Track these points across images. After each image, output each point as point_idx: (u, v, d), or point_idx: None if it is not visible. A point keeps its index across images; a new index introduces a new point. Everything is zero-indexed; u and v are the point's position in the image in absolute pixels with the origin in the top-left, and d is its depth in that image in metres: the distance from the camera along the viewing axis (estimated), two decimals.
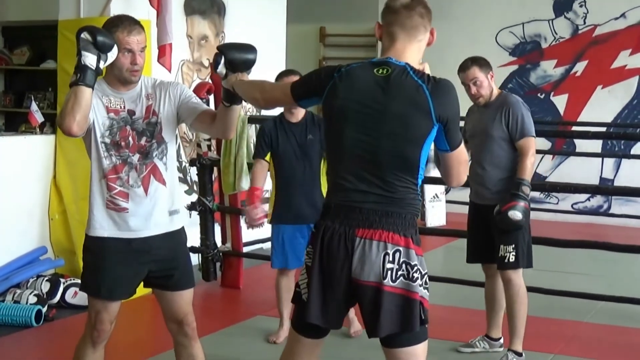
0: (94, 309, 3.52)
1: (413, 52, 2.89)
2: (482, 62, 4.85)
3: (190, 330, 3.62)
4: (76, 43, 3.26)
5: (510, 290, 4.79)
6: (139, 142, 3.47)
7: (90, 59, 3.24)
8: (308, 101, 2.97)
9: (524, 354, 4.87)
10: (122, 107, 3.46)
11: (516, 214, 4.60)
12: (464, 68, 4.86)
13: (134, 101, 3.48)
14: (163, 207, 3.52)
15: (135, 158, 3.46)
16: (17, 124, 8.14)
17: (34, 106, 6.64)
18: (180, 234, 3.62)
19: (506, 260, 4.74)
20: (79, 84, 3.25)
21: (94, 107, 3.37)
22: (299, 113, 5.20)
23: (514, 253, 4.72)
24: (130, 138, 3.45)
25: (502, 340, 5.13)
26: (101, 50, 3.26)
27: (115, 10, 6.08)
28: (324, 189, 5.20)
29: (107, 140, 3.45)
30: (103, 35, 3.27)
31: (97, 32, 3.26)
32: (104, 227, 3.47)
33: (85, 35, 3.24)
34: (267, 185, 5.25)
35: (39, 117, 6.53)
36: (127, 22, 3.42)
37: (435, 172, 10.56)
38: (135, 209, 3.46)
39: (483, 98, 4.83)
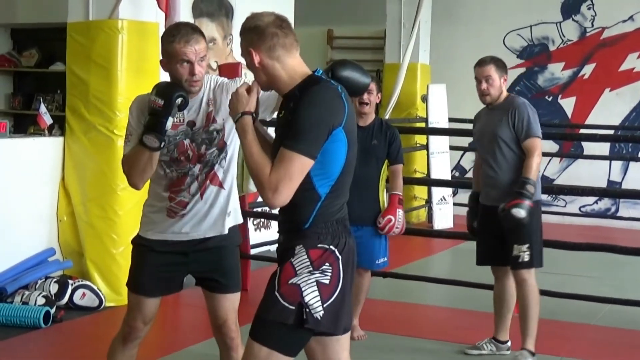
0: (129, 304, 3.54)
1: None
2: (500, 64, 4.95)
3: (229, 340, 3.57)
4: (166, 102, 3.19)
5: (524, 289, 4.83)
6: (199, 151, 3.40)
7: (170, 123, 3.23)
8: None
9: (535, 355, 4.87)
10: (182, 120, 3.36)
11: (520, 212, 4.63)
12: (481, 64, 4.94)
13: (195, 110, 3.39)
14: (218, 209, 3.47)
15: (197, 169, 3.41)
16: (25, 126, 8.15)
17: (42, 108, 6.66)
18: (230, 237, 3.54)
19: (520, 260, 4.79)
20: (161, 149, 3.24)
21: None
22: (368, 118, 5.24)
23: (528, 252, 4.77)
24: (189, 151, 3.39)
25: (509, 344, 5.13)
26: (182, 109, 3.26)
27: (123, 13, 6.10)
28: (382, 195, 5.25)
29: (166, 158, 3.40)
30: (187, 93, 3.25)
31: (185, 92, 3.24)
32: (156, 230, 3.46)
33: (180, 100, 3.20)
34: None
35: (47, 120, 6.54)
36: (184, 31, 3.31)
37: (439, 174, 10.49)
38: (191, 213, 3.43)
39: (490, 97, 4.91)
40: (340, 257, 2.76)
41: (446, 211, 10.24)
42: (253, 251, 7.06)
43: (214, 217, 3.47)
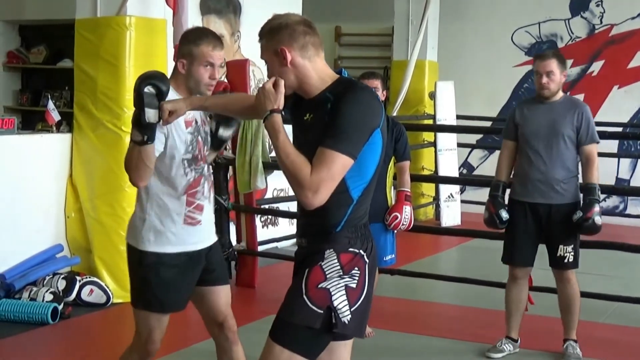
0: (147, 327, 3.43)
1: None
2: (561, 59, 4.93)
3: (231, 334, 3.58)
4: (136, 95, 3.16)
5: (569, 288, 4.96)
6: (205, 151, 3.45)
7: (152, 115, 3.16)
8: None
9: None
10: (192, 118, 3.37)
11: (599, 220, 4.81)
12: (543, 57, 4.91)
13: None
14: (212, 212, 3.54)
15: (206, 168, 3.45)
16: (33, 122, 8.17)
17: (50, 105, 6.67)
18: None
19: (566, 261, 4.90)
20: (148, 144, 3.20)
21: (174, 125, 3.27)
22: None
23: (572, 253, 4.90)
24: (202, 149, 3.42)
25: (519, 342, 5.13)
26: (162, 99, 3.20)
27: (131, 9, 6.10)
28: (389, 192, 5.26)
29: (189, 156, 3.37)
30: (164, 83, 3.20)
31: (160, 82, 3.19)
32: (173, 243, 3.38)
33: (149, 89, 3.16)
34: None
35: (55, 116, 6.55)
36: (212, 37, 3.38)
37: (447, 171, 10.45)
38: (205, 218, 3.45)
39: (549, 91, 4.89)
40: (367, 261, 2.75)
41: (454, 208, 10.23)
42: (260, 248, 7.06)
43: (213, 222, 3.54)
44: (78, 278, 6.04)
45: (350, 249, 2.73)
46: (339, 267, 2.71)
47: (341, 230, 2.74)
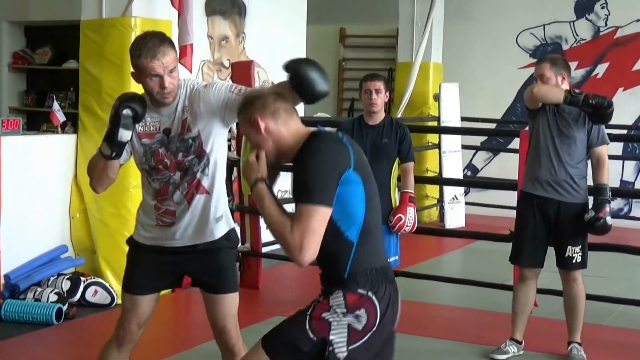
0: (124, 307, 3.56)
1: None
2: (556, 62, 4.94)
3: (230, 346, 3.54)
4: (114, 114, 3.26)
5: (575, 288, 4.96)
6: (176, 159, 3.38)
7: (126, 135, 3.26)
8: None
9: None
10: (158, 128, 3.35)
11: (610, 220, 4.85)
12: (538, 62, 5.00)
13: (170, 117, 3.35)
14: (205, 216, 3.45)
15: (177, 176, 3.40)
16: (38, 123, 8.19)
17: (55, 105, 6.68)
18: (222, 241, 3.52)
19: (574, 261, 4.92)
20: (115, 159, 3.33)
21: (132, 136, 3.35)
22: (378, 116, 5.27)
23: (580, 254, 4.92)
24: (166, 159, 3.38)
25: (523, 344, 5.12)
26: (137, 121, 3.31)
27: (136, 10, 6.11)
28: (393, 194, 5.28)
29: (146, 167, 3.42)
30: (142, 106, 3.28)
31: (139, 106, 3.26)
32: (148, 237, 3.50)
33: (127, 112, 3.24)
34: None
35: (60, 117, 6.56)
36: (150, 44, 3.22)
37: (451, 173, 10.44)
38: (181, 222, 3.43)
39: None
40: (378, 305, 2.75)
41: (458, 210, 10.22)
42: (264, 249, 7.06)
43: (202, 225, 3.46)
44: (82, 279, 6.05)
45: (359, 290, 2.75)
46: (343, 304, 2.74)
47: (349, 275, 2.76)
